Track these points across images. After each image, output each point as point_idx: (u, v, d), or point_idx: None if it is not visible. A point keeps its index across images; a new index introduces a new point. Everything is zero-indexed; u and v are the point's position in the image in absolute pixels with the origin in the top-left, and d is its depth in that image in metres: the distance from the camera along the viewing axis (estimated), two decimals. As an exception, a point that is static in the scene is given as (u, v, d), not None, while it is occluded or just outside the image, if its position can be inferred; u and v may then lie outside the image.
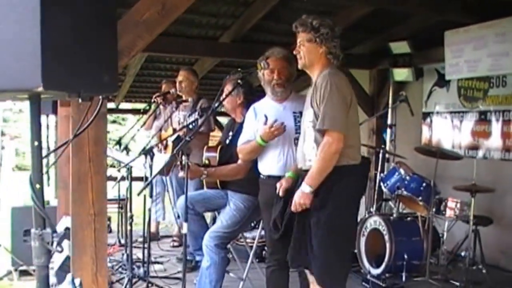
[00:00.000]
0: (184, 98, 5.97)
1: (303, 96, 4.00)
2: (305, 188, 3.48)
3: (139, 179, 6.53)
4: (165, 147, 5.75)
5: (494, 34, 5.76)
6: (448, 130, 7.11)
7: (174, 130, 5.75)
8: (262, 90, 4.32)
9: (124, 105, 11.61)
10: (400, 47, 6.91)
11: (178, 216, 5.94)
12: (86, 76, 1.98)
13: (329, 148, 3.41)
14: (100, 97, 2.24)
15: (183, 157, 4.20)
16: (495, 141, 6.44)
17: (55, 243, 2.05)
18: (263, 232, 4.75)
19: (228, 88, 4.67)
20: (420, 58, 7.02)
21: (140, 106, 9.74)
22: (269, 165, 4.16)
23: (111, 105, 10.05)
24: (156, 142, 5.93)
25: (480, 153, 6.56)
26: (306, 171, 3.58)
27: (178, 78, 6.09)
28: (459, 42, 6.17)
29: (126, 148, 5.52)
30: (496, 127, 6.43)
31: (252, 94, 4.78)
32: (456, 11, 6.07)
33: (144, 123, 6.56)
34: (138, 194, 3.94)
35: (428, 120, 7.39)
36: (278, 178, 3.99)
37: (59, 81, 1.87)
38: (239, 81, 3.95)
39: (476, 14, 6.06)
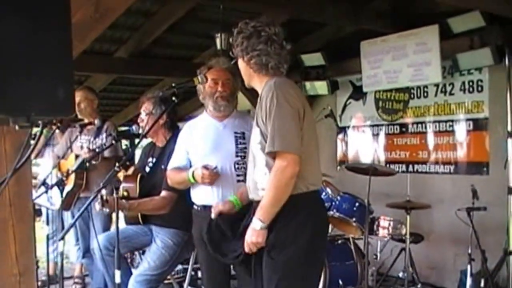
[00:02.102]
0: (86, 121, 5.21)
1: (247, 114, 3.50)
2: (256, 224, 2.82)
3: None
4: (66, 177, 4.96)
5: (414, 44, 5.57)
6: (365, 145, 6.84)
7: (77, 157, 5.01)
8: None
9: None
10: (313, 59, 6.55)
11: (83, 256, 5.27)
12: (38, 94, 1.34)
13: (282, 174, 2.76)
14: (40, 122, 1.62)
15: (104, 191, 3.56)
16: (417, 154, 6.25)
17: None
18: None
19: (146, 107, 4.11)
20: (334, 70, 6.72)
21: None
22: (203, 193, 3.55)
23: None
24: (56, 172, 5.13)
25: (402, 167, 6.34)
26: (259, 202, 2.92)
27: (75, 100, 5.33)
28: (376, 52, 5.93)
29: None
30: (417, 139, 6.24)
31: (175, 113, 4.21)
32: (370, 20, 5.85)
33: (39, 152, 5.72)
34: (62, 239, 3.17)
35: (342, 135, 7.09)
36: (215, 208, 3.42)
37: (3, 102, 1.24)
38: (173, 98, 3.33)
39: (391, 23, 5.88)
